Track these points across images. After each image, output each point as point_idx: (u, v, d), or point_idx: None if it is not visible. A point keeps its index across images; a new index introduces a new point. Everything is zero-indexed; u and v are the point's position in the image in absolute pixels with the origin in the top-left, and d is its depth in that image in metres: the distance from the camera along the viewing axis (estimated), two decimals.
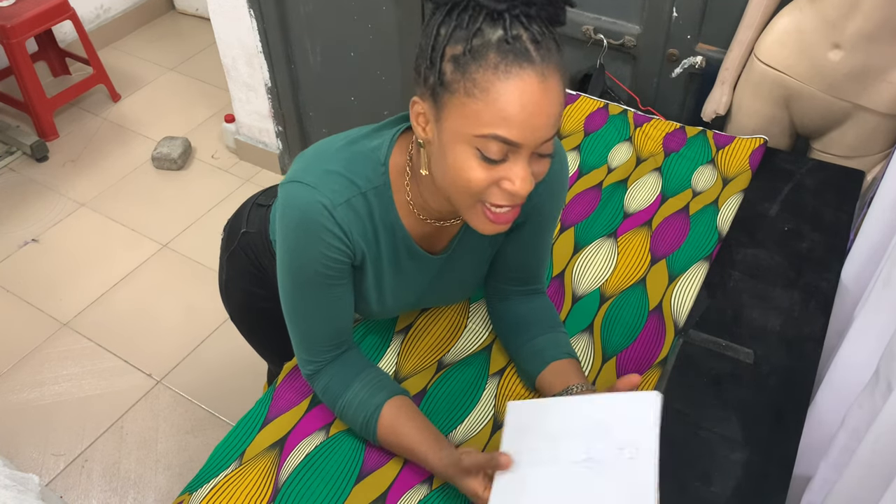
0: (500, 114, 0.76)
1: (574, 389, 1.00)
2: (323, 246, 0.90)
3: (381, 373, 1.04)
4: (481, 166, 0.80)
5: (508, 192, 0.81)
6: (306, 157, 0.94)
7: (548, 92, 0.77)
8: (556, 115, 0.79)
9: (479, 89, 0.76)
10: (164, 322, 2.28)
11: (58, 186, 2.79)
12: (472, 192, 0.82)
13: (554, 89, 0.78)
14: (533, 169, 0.82)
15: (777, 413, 1.07)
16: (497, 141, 0.77)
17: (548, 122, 0.78)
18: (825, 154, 1.56)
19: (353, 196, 0.91)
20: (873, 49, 1.37)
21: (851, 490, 0.82)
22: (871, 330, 1.01)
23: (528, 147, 0.79)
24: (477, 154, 0.79)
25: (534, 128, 0.77)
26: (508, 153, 0.79)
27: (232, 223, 1.32)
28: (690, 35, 1.66)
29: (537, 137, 0.78)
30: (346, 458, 1.02)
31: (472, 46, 0.76)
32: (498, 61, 0.75)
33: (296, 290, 0.96)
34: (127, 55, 3.48)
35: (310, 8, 2.23)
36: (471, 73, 0.76)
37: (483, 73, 0.75)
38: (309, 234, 0.90)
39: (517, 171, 0.80)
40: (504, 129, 0.77)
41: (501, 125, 0.76)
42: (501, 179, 0.80)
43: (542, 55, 0.76)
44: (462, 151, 0.80)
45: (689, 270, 1.29)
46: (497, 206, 0.83)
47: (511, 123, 0.76)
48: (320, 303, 0.97)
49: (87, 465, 1.93)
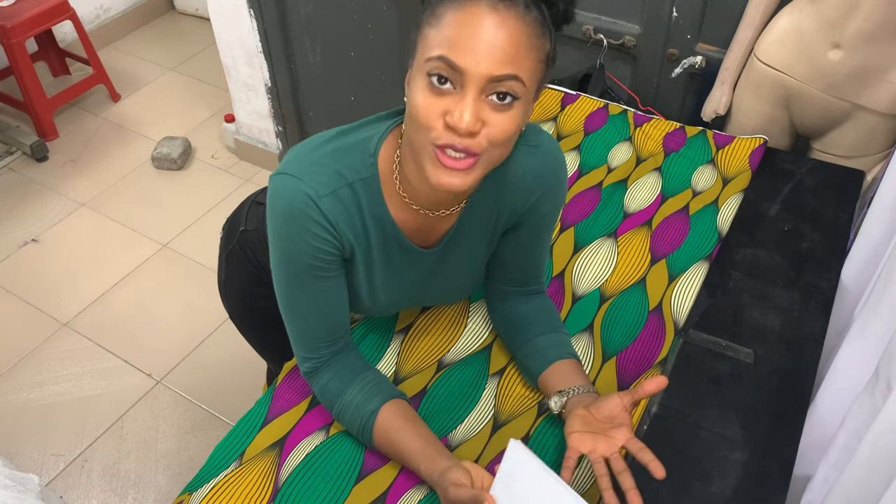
0: (446, 36, 0.78)
1: (576, 391, 1.00)
2: (309, 237, 0.90)
3: (378, 375, 1.04)
4: (431, 96, 0.80)
5: (451, 128, 0.79)
6: (295, 150, 0.94)
7: (500, 25, 0.77)
8: (507, 52, 0.78)
9: (437, 19, 0.79)
10: (164, 322, 2.28)
11: (58, 186, 2.79)
12: (423, 125, 0.81)
13: (507, 26, 0.77)
14: (485, 115, 0.80)
15: (777, 413, 1.07)
16: (442, 62, 0.78)
17: (493, 53, 0.77)
18: (825, 154, 1.56)
19: (340, 187, 0.91)
20: (873, 49, 1.37)
21: (851, 490, 0.82)
22: (871, 330, 1.01)
23: (472, 77, 0.78)
24: (427, 82, 0.80)
25: (477, 53, 0.77)
26: (456, 84, 0.79)
27: (231, 222, 1.32)
28: (690, 35, 1.66)
29: (479, 65, 0.77)
30: (346, 459, 1.02)
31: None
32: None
33: (288, 283, 0.96)
34: (127, 55, 3.48)
35: (310, 8, 2.23)
36: (436, 9, 0.80)
37: (445, 5, 0.79)
38: (295, 224, 0.90)
39: (461, 103, 0.79)
40: (448, 51, 0.78)
41: (446, 46, 0.78)
42: (447, 113, 0.80)
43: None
44: (418, 84, 0.81)
45: (689, 270, 1.29)
46: (443, 147, 0.81)
47: (454, 45, 0.77)
48: (312, 296, 0.97)
49: (87, 465, 1.93)
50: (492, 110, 0.80)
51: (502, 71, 0.78)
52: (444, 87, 0.79)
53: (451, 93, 0.79)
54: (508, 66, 0.78)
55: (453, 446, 1.05)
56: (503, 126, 0.81)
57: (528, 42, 0.79)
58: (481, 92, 0.79)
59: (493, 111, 0.80)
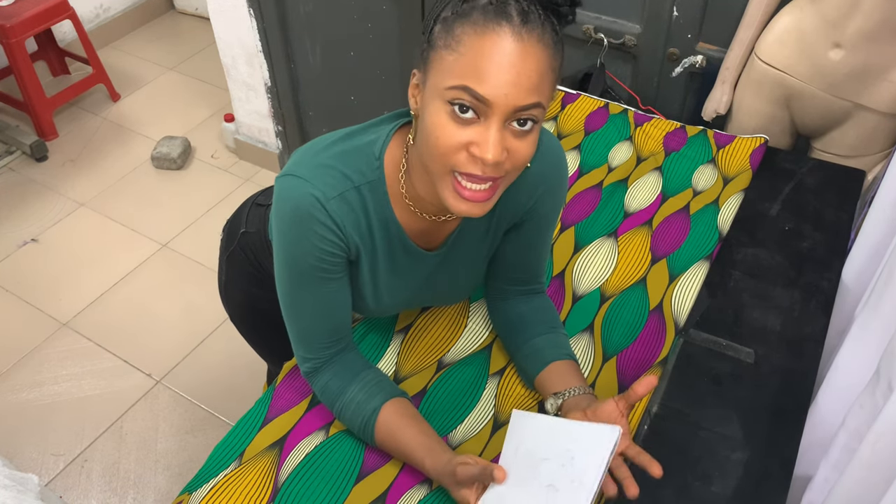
0: (470, 65, 0.77)
1: (572, 392, 1.00)
2: (316, 239, 0.90)
3: (379, 374, 1.04)
4: (451, 124, 0.79)
5: (476, 158, 0.79)
6: (301, 151, 0.94)
7: (524, 55, 0.76)
8: (533, 81, 0.77)
9: (456, 42, 0.78)
10: (163, 322, 2.28)
11: (57, 186, 2.78)
12: (442, 153, 0.80)
13: (532, 55, 0.77)
14: (509, 143, 0.80)
15: (778, 413, 1.07)
16: (466, 93, 0.77)
17: (520, 84, 0.76)
18: (826, 153, 1.56)
19: (347, 190, 0.91)
20: (874, 48, 1.37)
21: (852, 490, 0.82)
22: (871, 329, 1.01)
23: (499, 108, 0.77)
24: (449, 110, 0.79)
25: (504, 85, 0.76)
26: (480, 114, 0.78)
27: (231, 223, 1.32)
28: (691, 34, 1.66)
29: (508, 98, 0.77)
30: (346, 458, 1.02)
31: (462, 8, 0.78)
32: (478, 18, 0.77)
33: (292, 284, 0.96)
34: (126, 55, 3.48)
35: (310, 7, 2.22)
36: (453, 30, 0.78)
37: (463, 28, 0.77)
38: (302, 226, 0.90)
39: (487, 135, 0.78)
40: (473, 82, 0.76)
41: (471, 77, 0.77)
42: (471, 144, 0.79)
43: (524, 20, 0.76)
44: (437, 108, 0.80)
45: (689, 270, 1.28)
46: (466, 176, 0.81)
47: (480, 76, 0.76)
48: (316, 297, 0.96)
49: (87, 465, 1.93)
50: (514, 137, 0.80)
51: (528, 101, 0.78)
52: (467, 117, 0.78)
53: (475, 122, 0.79)
54: (534, 95, 0.78)
55: (453, 446, 1.05)
56: (525, 151, 0.82)
57: (549, 65, 0.79)
58: (505, 121, 0.79)
59: (515, 137, 0.80)
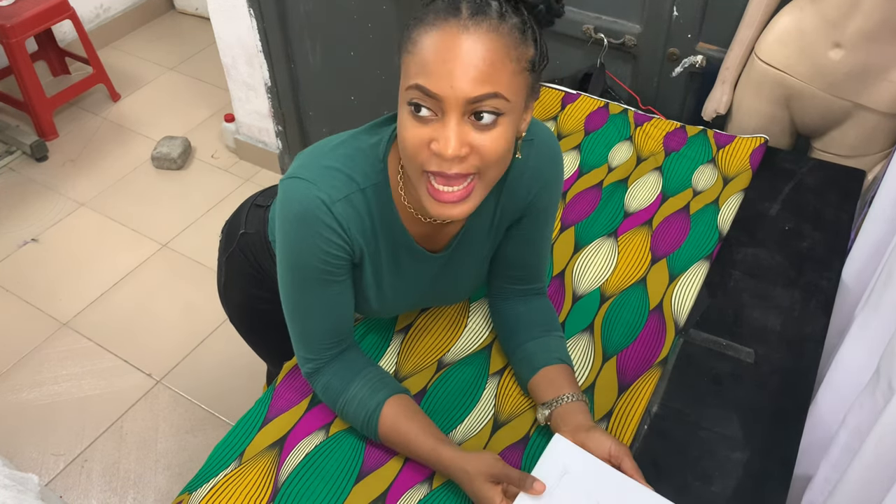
0: (420, 63, 0.78)
1: (565, 399, 1.00)
2: (321, 241, 0.90)
3: (382, 371, 1.04)
4: (413, 123, 0.80)
5: (437, 155, 0.79)
6: (306, 154, 0.94)
7: (472, 45, 0.76)
8: (481, 71, 0.76)
9: (411, 44, 0.79)
10: (163, 322, 2.28)
11: (57, 186, 2.78)
12: (410, 154, 0.81)
13: (480, 44, 0.76)
14: (471, 138, 0.79)
15: (778, 412, 1.07)
16: (418, 91, 0.78)
17: (466, 74, 0.76)
18: (826, 153, 1.56)
19: (352, 192, 0.91)
20: (874, 48, 1.37)
21: (853, 490, 0.82)
22: (872, 329, 1.01)
23: (450, 102, 0.77)
24: (409, 110, 0.80)
25: (451, 77, 0.76)
26: (436, 111, 0.78)
27: (230, 224, 1.32)
28: (691, 34, 1.66)
29: (455, 89, 0.76)
30: (346, 458, 1.02)
31: (420, 13, 0.80)
32: (430, 18, 0.78)
33: (295, 286, 0.96)
34: (127, 55, 3.48)
35: (310, 7, 2.22)
36: (411, 34, 0.80)
37: (418, 30, 0.79)
38: (307, 229, 0.90)
39: (443, 130, 0.78)
40: (423, 78, 0.77)
41: (420, 74, 0.77)
42: (432, 141, 0.79)
43: (472, 13, 0.77)
44: (402, 112, 0.81)
45: (689, 270, 1.28)
46: (437, 177, 0.81)
47: (428, 71, 0.77)
48: (320, 299, 0.96)
49: (87, 464, 1.93)
50: (477, 131, 0.79)
51: (480, 91, 0.77)
52: (426, 115, 0.79)
53: (433, 119, 0.79)
54: (486, 86, 0.77)
55: None
56: (491, 145, 0.80)
57: (506, 55, 0.78)
58: (463, 114, 0.78)
59: (479, 131, 0.80)
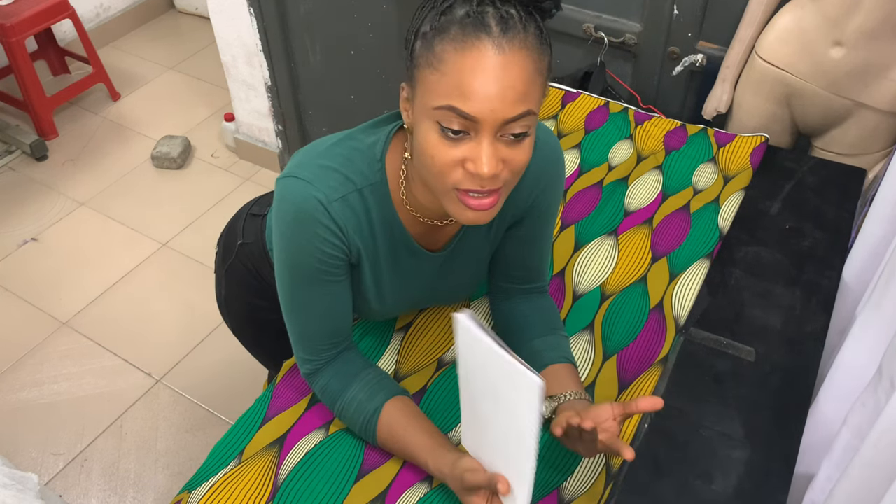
0: (453, 84, 0.75)
1: (567, 396, 1.00)
2: (318, 241, 0.90)
3: (380, 373, 1.04)
4: (442, 143, 0.79)
5: (473, 174, 0.79)
6: (302, 153, 0.93)
7: (508, 66, 0.75)
8: (519, 92, 0.76)
9: (437, 60, 0.76)
10: (163, 321, 2.28)
11: (57, 185, 2.78)
12: (438, 172, 0.80)
13: (515, 64, 0.75)
14: (503, 154, 0.79)
15: (778, 411, 1.07)
16: (452, 113, 0.76)
17: (505, 97, 0.75)
18: (826, 152, 1.56)
19: (349, 192, 0.90)
20: (875, 46, 1.37)
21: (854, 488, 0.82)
22: (872, 328, 1.01)
23: (487, 123, 0.76)
24: (438, 129, 0.78)
25: (489, 100, 0.75)
26: (470, 130, 0.77)
27: (227, 236, 1.30)
28: (691, 33, 1.66)
29: (495, 112, 0.75)
30: (346, 457, 1.02)
31: (439, 22, 0.77)
32: (456, 33, 0.75)
33: (293, 286, 0.96)
34: (126, 54, 3.48)
35: (310, 6, 2.22)
36: (433, 47, 0.77)
37: (442, 45, 0.76)
38: (304, 228, 0.90)
39: (479, 150, 0.78)
40: (458, 100, 0.75)
41: (455, 96, 0.75)
42: (466, 160, 0.79)
43: (503, 29, 0.75)
44: (426, 128, 0.79)
45: (690, 268, 1.28)
46: (468, 191, 0.81)
47: (464, 94, 0.75)
48: (317, 300, 0.96)
49: (87, 464, 1.93)
50: (507, 147, 0.79)
51: (517, 112, 0.77)
52: (458, 136, 0.78)
53: (466, 138, 0.78)
54: (522, 106, 0.77)
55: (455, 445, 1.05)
56: (521, 158, 0.81)
57: (535, 70, 0.78)
58: (496, 133, 0.78)
59: (509, 147, 0.79)
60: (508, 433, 0.83)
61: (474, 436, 0.92)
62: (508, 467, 0.85)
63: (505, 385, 0.80)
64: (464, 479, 0.89)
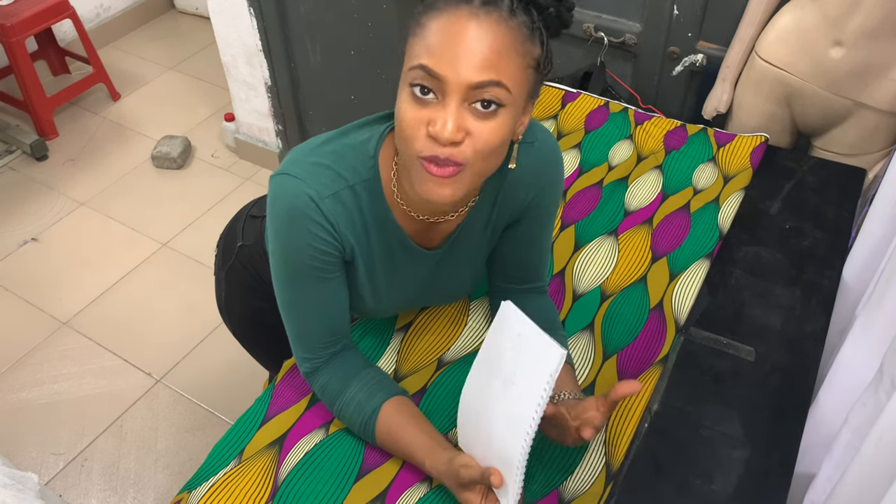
0: (426, 44, 0.78)
1: (563, 396, 1.00)
2: (310, 237, 0.90)
3: (380, 372, 1.04)
4: (412, 105, 0.80)
5: (433, 138, 0.79)
6: (296, 150, 0.94)
7: (480, 32, 0.76)
8: (487, 58, 0.76)
9: (420, 27, 0.80)
10: (163, 321, 2.28)
11: (57, 185, 2.78)
12: (406, 136, 0.80)
13: (488, 32, 0.76)
14: (469, 124, 0.79)
15: (778, 411, 1.07)
16: (422, 71, 0.78)
17: (473, 59, 0.76)
18: (826, 152, 1.56)
19: (341, 189, 0.91)
20: (875, 46, 1.37)
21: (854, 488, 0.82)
22: (873, 328, 1.01)
23: (453, 84, 0.77)
24: (410, 92, 0.80)
25: (456, 60, 0.76)
26: (437, 92, 0.78)
27: (226, 238, 1.31)
28: (691, 33, 1.66)
29: (460, 73, 0.76)
30: (346, 457, 1.02)
31: (431, 0, 0.80)
32: (441, 4, 0.78)
33: (288, 283, 0.96)
34: (127, 54, 3.48)
35: (310, 6, 2.22)
36: (420, 19, 0.80)
37: (428, 16, 0.79)
38: (296, 225, 0.90)
39: (443, 112, 0.78)
40: (426, 58, 0.77)
41: (425, 54, 0.78)
42: (430, 122, 0.79)
43: (485, 1, 0.77)
44: (402, 94, 0.81)
45: (690, 268, 1.28)
46: (428, 160, 0.80)
47: (433, 53, 0.77)
48: (312, 297, 0.96)
49: (87, 464, 1.93)
50: (475, 119, 0.79)
51: (483, 77, 0.77)
52: (427, 98, 0.79)
53: (434, 102, 0.79)
54: (490, 72, 0.77)
55: (453, 444, 1.05)
56: (488, 135, 0.80)
57: (512, 47, 0.78)
58: (464, 100, 0.78)
59: (477, 119, 0.79)
60: (508, 417, 0.85)
61: (470, 432, 0.93)
62: (503, 458, 0.86)
63: (528, 356, 0.84)
64: (459, 475, 0.89)
